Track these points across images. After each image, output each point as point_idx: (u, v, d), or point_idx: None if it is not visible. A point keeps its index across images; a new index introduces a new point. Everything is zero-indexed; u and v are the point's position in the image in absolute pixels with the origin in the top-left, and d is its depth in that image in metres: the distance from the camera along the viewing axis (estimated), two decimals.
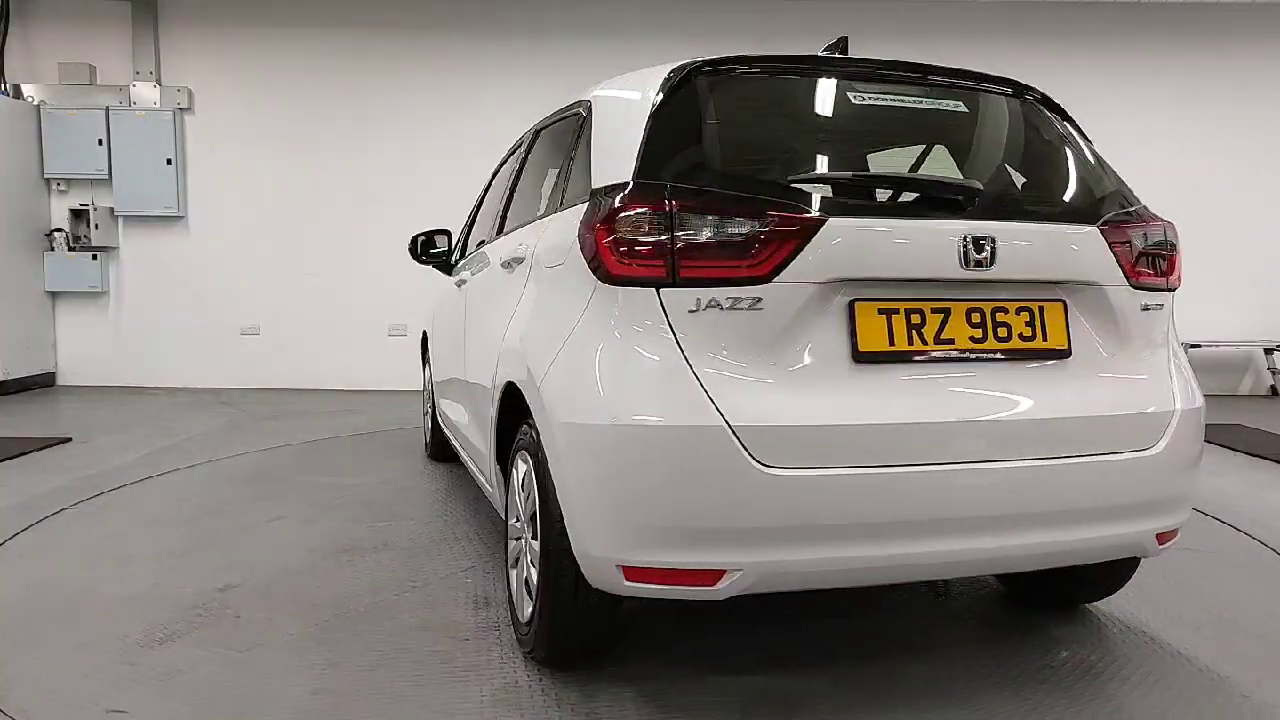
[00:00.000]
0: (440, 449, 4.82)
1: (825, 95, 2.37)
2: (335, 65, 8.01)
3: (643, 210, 2.01)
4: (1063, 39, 7.91)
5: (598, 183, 2.22)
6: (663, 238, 1.99)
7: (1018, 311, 2.16)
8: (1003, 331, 2.14)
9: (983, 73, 2.50)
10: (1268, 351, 8.00)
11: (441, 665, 2.39)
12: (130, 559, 3.19)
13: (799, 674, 2.36)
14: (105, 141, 7.83)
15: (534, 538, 2.30)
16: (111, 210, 7.96)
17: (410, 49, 8.01)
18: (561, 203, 2.57)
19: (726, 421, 1.90)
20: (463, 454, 3.75)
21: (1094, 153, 2.53)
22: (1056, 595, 2.83)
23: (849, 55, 2.51)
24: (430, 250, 4.30)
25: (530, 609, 2.34)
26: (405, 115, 8.03)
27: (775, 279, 1.98)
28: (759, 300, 1.98)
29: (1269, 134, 8.01)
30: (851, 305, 2.04)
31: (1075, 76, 7.71)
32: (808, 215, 2.01)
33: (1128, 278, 2.25)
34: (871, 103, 2.38)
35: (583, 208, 2.23)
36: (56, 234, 7.95)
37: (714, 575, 1.94)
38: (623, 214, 2.03)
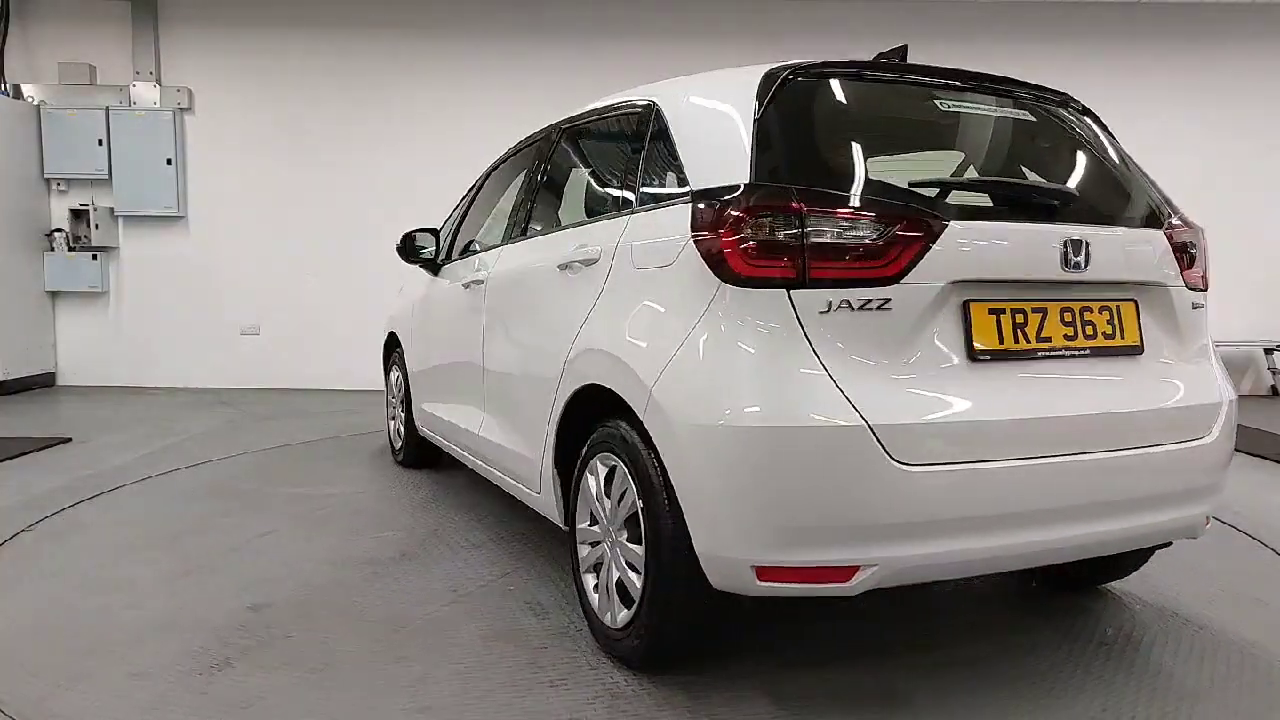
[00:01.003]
0: (417, 454, 4.67)
1: (912, 101, 2.47)
2: (335, 65, 8.01)
3: (773, 212, 2.03)
4: (1063, 39, 7.91)
5: (698, 184, 2.25)
6: (793, 239, 2.01)
7: (1100, 310, 2.29)
8: (1089, 330, 2.27)
9: (1037, 83, 2.63)
10: (1268, 351, 8.00)
11: (532, 674, 2.36)
12: (132, 582, 3.01)
13: (897, 665, 2.46)
14: (105, 141, 7.83)
15: (634, 541, 2.28)
16: (111, 210, 7.96)
17: (410, 49, 8.01)
18: (638, 203, 2.55)
19: (866, 421, 1.94)
20: (473, 460, 3.64)
21: (1133, 161, 2.68)
22: (1075, 578, 2.99)
23: (909, 62, 2.55)
24: (420, 250, 4.18)
25: (625, 614, 2.32)
26: (405, 115, 8.03)
27: (903, 280, 2.04)
28: (888, 301, 2.03)
29: (1269, 135, 8.01)
30: (966, 305, 2.13)
31: (1075, 77, 7.69)
32: (933, 218, 2.08)
33: (1183, 279, 2.43)
34: (953, 109, 2.48)
35: (681, 208, 2.25)
36: (56, 234, 7.94)
37: (848, 572, 1.98)
38: (752, 215, 2.04)
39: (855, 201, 2.09)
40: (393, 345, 4.99)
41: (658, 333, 2.23)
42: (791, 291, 2.01)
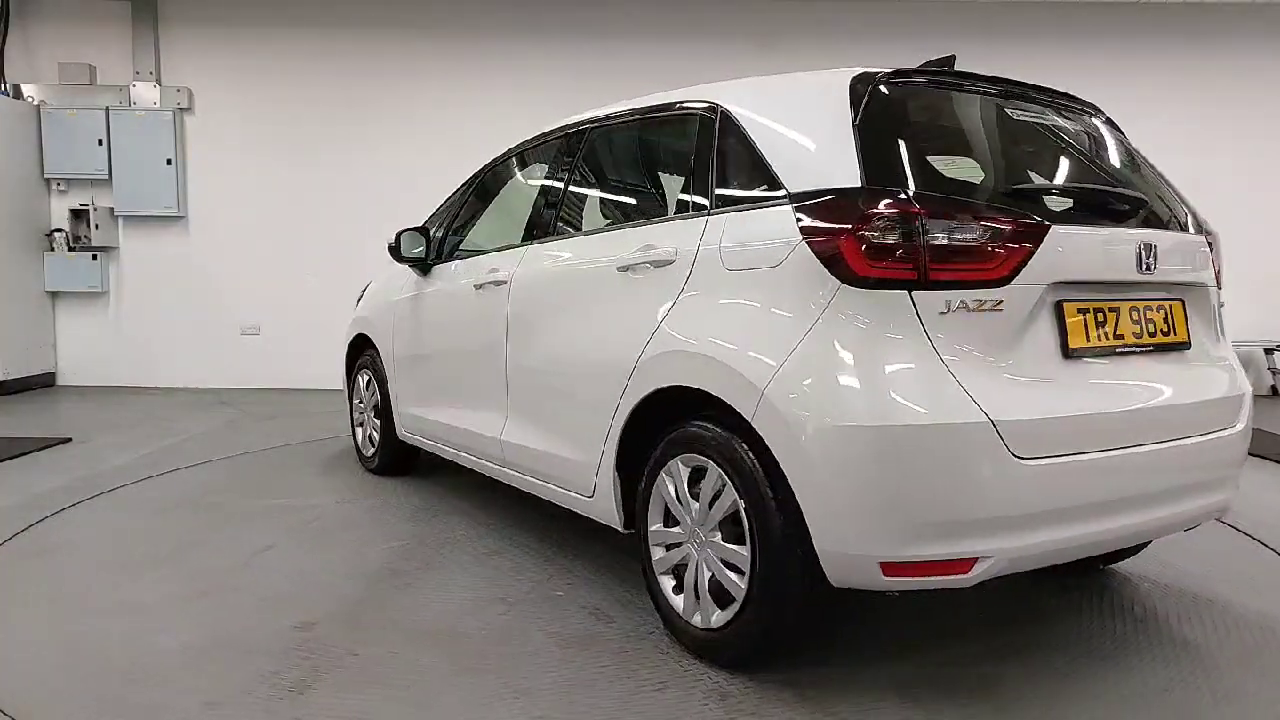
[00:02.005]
0: (393, 461, 4.52)
1: (984, 108, 2.59)
2: (335, 65, 8.01)
3: (896, 214, 2.10)
4: (1062, 39, 7.90)
5: (796, 187, 2.30)
6: (914, 241, 2.08)
7: (1157, 309, 2.46)
8: (1150, 327, 2.44)
9: (1075, 94, 2.79)
10: (1268, 351, 8.00)
11: (629, 678, 2.35)
12: (147, 604, 2.85)
13: (981, 650, 2.57)
14: (105, 141, 7.83)
15: (734, 541, 2.30)
16: (111, 210, 7.97)
17: (410, 49, 8.01)
18: (714, 205, 2.55)
19: (990, 418, 2.03)
20: (488, 465, 3.54)
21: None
22: (1085, 560, 3.06)
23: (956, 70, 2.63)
24: (412, 249, 4.04)
25: (721, 614, 2.34)
26: (405, 115, 8.03)
27: (1012, 282, 2.13)
28: (1000, 302, 2.13)
29: (1268, 135, 8.01)
30: (1059, 305, 2.25)
31: (1075, 77, 7.69)
32: (1038, 222, 2.19)
33: (1216, 279, 2.66)
34: (1021, 118, 2.61)
35: (781, 210, 2.30)
36: (56, 234, 7.95)
37: (968, 564, 2.06)
38: (875, 218, 2.10)
39: (970, 205, 2.19)
40: (360, 348, 4.78)
41: (766, 333, 2.24)
42: (913, 292, 2.08)
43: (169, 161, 7.90)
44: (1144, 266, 2.36)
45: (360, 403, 4.80)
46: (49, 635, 2.64)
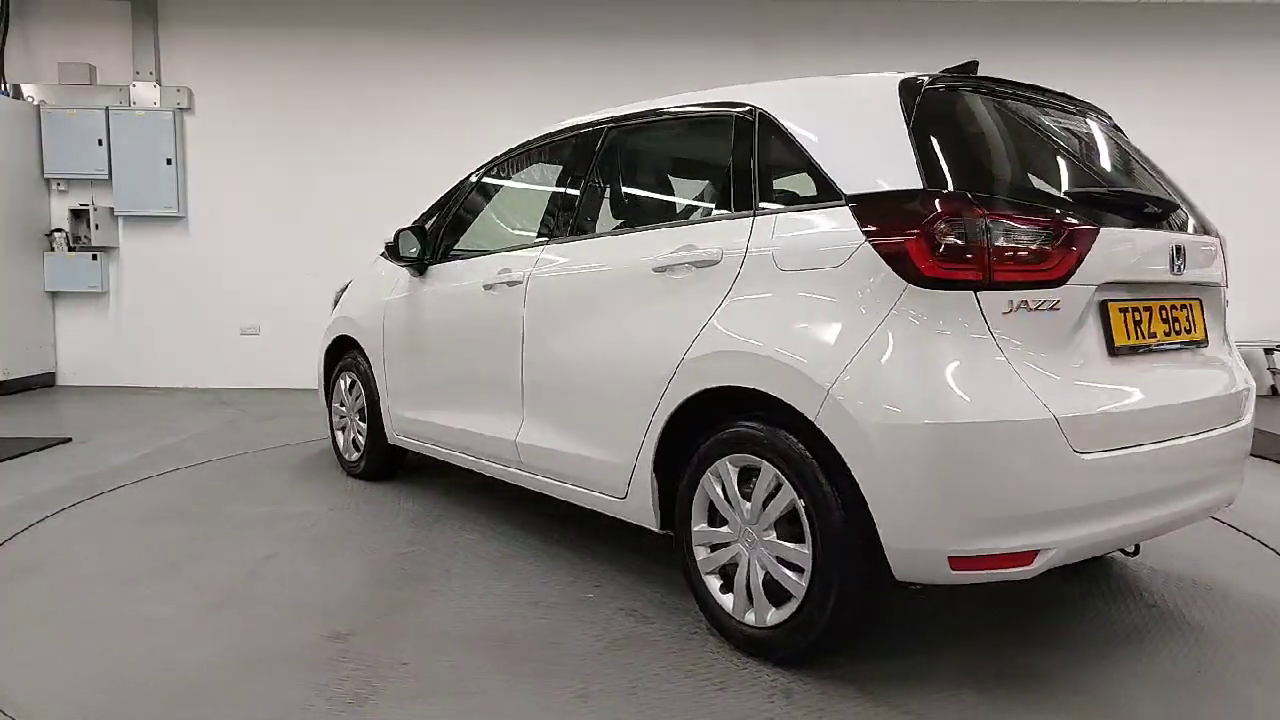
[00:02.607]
0: (381, 466, 4.43)
1: (1023, 115, 2.65)
2: (335, 65, 8.01)
3: (963, 216, 2.16)
4: (1062, 39, 7.90)
5: (852, 189, 2.33)
6: (980, 242, 2.14)
7: (1181, 308, 2.58)
8: (1176, 325, 2.55)
9: (1090, 102, 2.90)
10: (1268, 351, 8.00)
11: (687, 678, 2.36)
12: (161, 619, 2.73)
13: (1019, 643, 2.63)
14: (105, 141, 7.83)
15: (792, 539, 2.33)
16: (111, 210, 7.97)
17: (410, 49, 8.01)
18: (760, 205, 2.57)
19: (1053, 414, 2.11)
20: (501, 468, 3.49)
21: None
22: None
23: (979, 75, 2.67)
24: (409, 250, 3.94)
25: (778, 612, 2.38)
26: (405, 115, 8.03)
27: (1068, 282, 2.22)
28: (1057, 302, 2.22)
29: (1268, 135, 8.01)
30: (1105, 305, 2.35)
31: (1075, 77, 7.68)
32: (1091, 225, 2.28)
33: (1224, 279, 2.78)
34: (1052, 123, 2.69)
35: (837, 211, 2.33)
36: (56, 234, 7.95)
37: (1030, 556, 2.13)
38: (943, 219, 2.16)
39: (1030, 207, 2.26)
40: (341, 350, 4.67)
41: (830, 333, 2.26)
42: (978, 293, 2.14)
43: (169, 161, 7.90)
44: (1176, 268, 2.48)
45: (342, 406, 4.66)
46: (69, 654, 2.50)
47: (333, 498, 4.21)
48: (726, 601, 2.53)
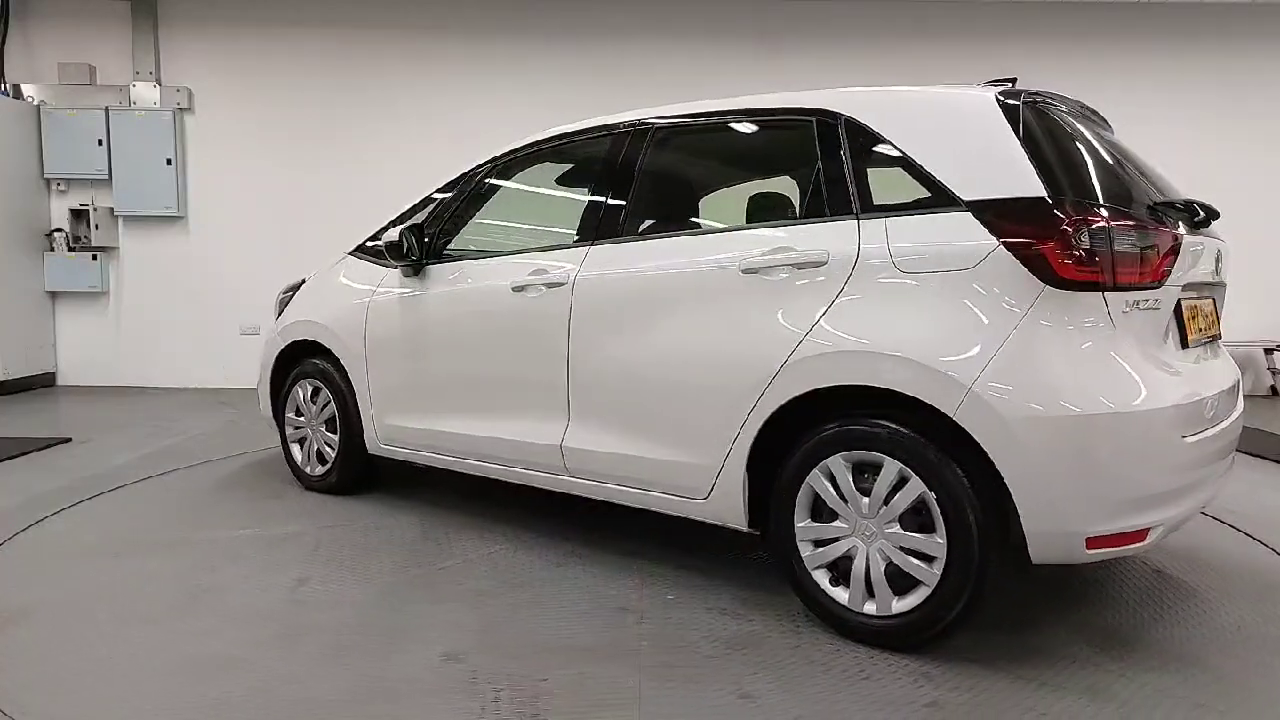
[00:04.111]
0: (357, 480, 4.20)
1: (1089, 129, 2.82)
2: (335, 65, 8.01)
3: (1094, 223, 2.35)
4: (1062, 39, 7.90)
5: (969, 195, 2.47)
6: (1107, 248, 2.34)
7: (1209, 305, 2.88)
8: (1204, 322, 2.82)
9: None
10: (1268, 351, 8.00)
11: (826, 673, 2.43)
12: (235, 660, 2.50)
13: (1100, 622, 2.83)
14: (105, 141, 7.82)
15: (921, 530, 2.45)
16: (111, 210, 7.96)
17: (410, 49, 8.01)
18: (863, 208, 2.65)
19: (1168, 403, 2.37)
20: (534, 474, 3.41)
21: None
22: None
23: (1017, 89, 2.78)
24: (409, 250, 3.76)
25: (903, 601, 2.50)
26: (405, 115, 8.02)
27: (1165, 284, 2.48)
28: (1158, 301, 2.49)
29: (1268, 135, 8.00)
30: (1179, 304, 2.61)
31: (1074, 77, 7.70)
32: (1179, 232, 2.57)
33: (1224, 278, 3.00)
34: (1104, 136, 2.90)
35: (959, 215, 2.46)
36: (56, 234, 7.95)
37: (1144, 533, 2.36)
38: (1078, 226, 2.33)
39: (1140, 216, 2.50)
40: (295, 358, 4.39)
41: (965, 332, 2.38)
42: (1105, 294, 2.35)
43: (169, 161, 7.90)
44: (1218, 269, 2.84)
45: (299, 417, 4.37)
46: (152, 705, 2.25)
47: (321, 515, 3.91)
48: (839, 594, 2.62)
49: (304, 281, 4.60)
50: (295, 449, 4.43)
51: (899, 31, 7.88)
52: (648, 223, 3.28)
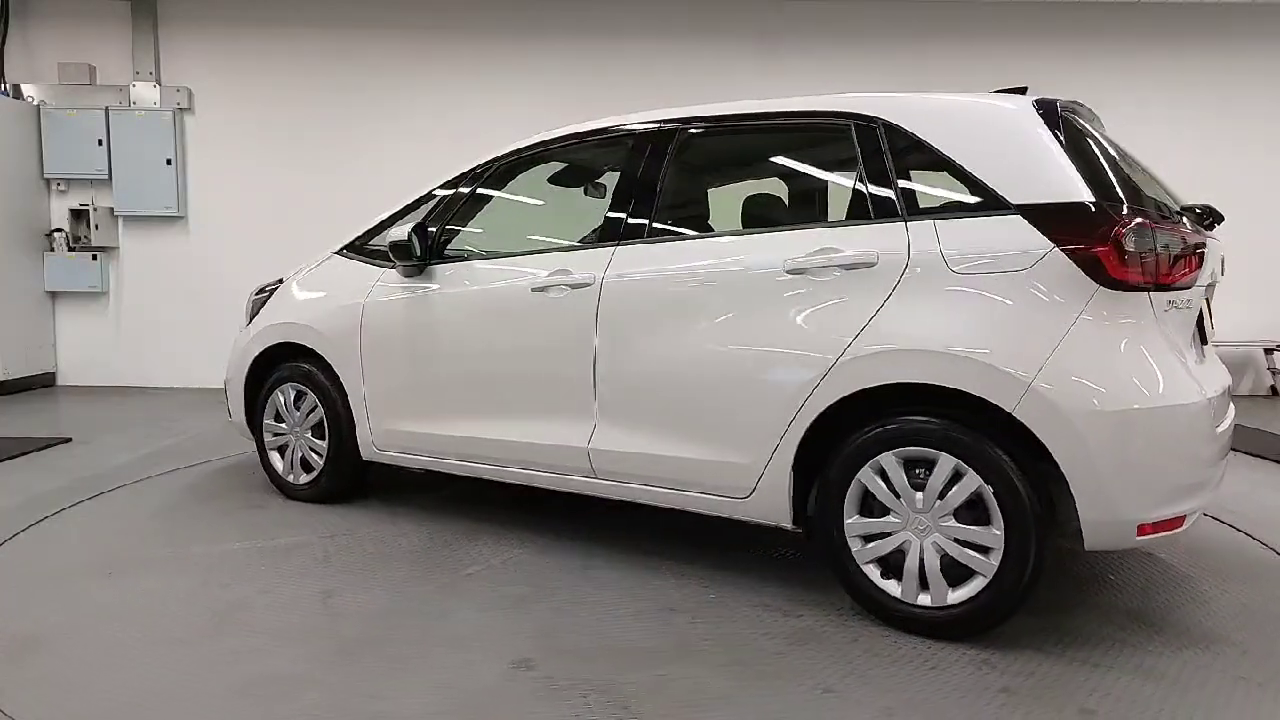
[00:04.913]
0: (348, 487, 4.06)
1: (1099, 132, 2.92)
2: (335, 65, 8.01)
3: (1142, 227, 2.46)
4: (1062, 39, 7.90)
5: (1020, 199, 2.56)
6: (1154, 251, 2.48)
7: (1206, 305, 2.95)
8: (1210, 322, 2.98)
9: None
10: (1268, 351, 7.99)
11: (894, 664, 2.49)
12: (300, 678, 2.40)
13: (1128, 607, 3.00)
14: (105, 141, 7.82)
15: (976, 523, 2.53)
16: (111, 210, 7.96)
17: (411, 49, 8.01)
18: (910, 211, 2.71)
19: (1206, 397, 2.53)
20: (555, 477, 3.37)
21: None
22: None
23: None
24: (413, 250, 3.64)
25: (958, 592, 2.58)
26: (405, 115, 8.02)
27: (1196, 284, 2.66)
28: (1190, 300, 2.67)
29: (1268, 135, 8.00)
30: (1204, 304, 2.80)
31: (1074, 77, 7.71)
32: (1204, 236, 2.74)
33: None
34: (1109, 137, 2.97)
35: (1010, 219, 2.55)
36: (56, 234, 7.94)
37: (1182, 519, 2.51)
38: (1130, 229, 2.44)
39: (1176, 222, 2.67)
40: (272, 361, 4.20)
41: (1022, 331, 2.49)
42: (1150, 294, 2.48)
43: (169, 161, 7.90)
44: (1223, 269, 2.97)
45: (279, 423, 4.18)
46: None
47: (316, 525, 3.76)
48: (891, 588, 2.68)
49: (280, 282, 4.42)
50: (275, 457, 4.23)
51: (899, 32, 7.88)
52: (674, 223, 3.30)
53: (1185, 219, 2.77)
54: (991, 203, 2.59)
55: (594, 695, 2.30)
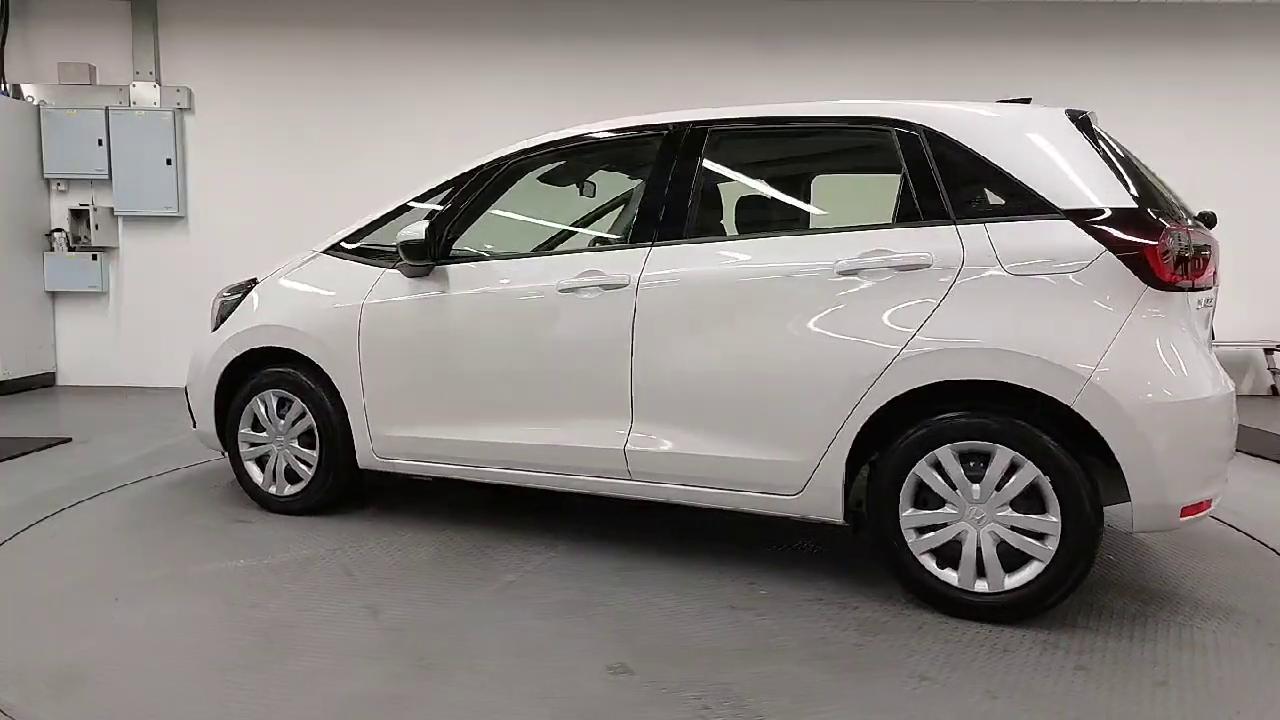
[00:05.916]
0: (340, 498, 3.89)
1: (1118, 144, 3.04)
2: (335, 66, 8.01)
3: (1184, 231, 2.69)
4: (1061, 39, 7.90)
5: (1067, 204, 2.71)
6: (1191, 254, 2.68)
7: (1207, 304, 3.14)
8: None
9: None
10: (1268, 351, 7.99)
11: (967, 649, 2.61)
12: (399, 699, 2.32)
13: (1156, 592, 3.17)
14: (105, 141, 7.82)
15: (1033, 512, 2.68)
16: (111, 210, 7.96)
17: (410, 49, 8.01)
18: (959, 215, 2.82)
19: (1232, 389, 2.78)
20: (599, 481, 3.32)
21: None
22: None
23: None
24: (424, 249, 3.51)
25: (1013, 578, 2.72)
26: (405, 115, 8.02)
27: (1212, 285, 2.88)
28: (1210, 300, 2.91)
29: (1268, 135, 8.00)
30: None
31: (1075, 77, 7.71)
32: (1215, 240, 2.89)
33: None
34: (1123, 146, 3.10)
35: (1059, 223, 2.69)
36: (56, 234, 7.94)
37: (1210, 502, 2.73)
38: (1173, 234, 2.65)
39: (1198, 227, 2.87)
40: (253, 366, 3.96)
41: (1079, 329, 2.65)
42: (1189, 294, 2.70)
43: (169, 161, 7.89)
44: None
45: (259, 432, 3.97)
46: None
47: (315, 539, 3.59)
48: (949, 576, 2.80)
49: (253, 282, 4.14)
50: (253, 469, 4.00)
51: (899, 32, 7.88)
52: (711, 224, 3.36)
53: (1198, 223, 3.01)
54: (1038, 207, 2.73)
55: (710, 699, 2.31)
